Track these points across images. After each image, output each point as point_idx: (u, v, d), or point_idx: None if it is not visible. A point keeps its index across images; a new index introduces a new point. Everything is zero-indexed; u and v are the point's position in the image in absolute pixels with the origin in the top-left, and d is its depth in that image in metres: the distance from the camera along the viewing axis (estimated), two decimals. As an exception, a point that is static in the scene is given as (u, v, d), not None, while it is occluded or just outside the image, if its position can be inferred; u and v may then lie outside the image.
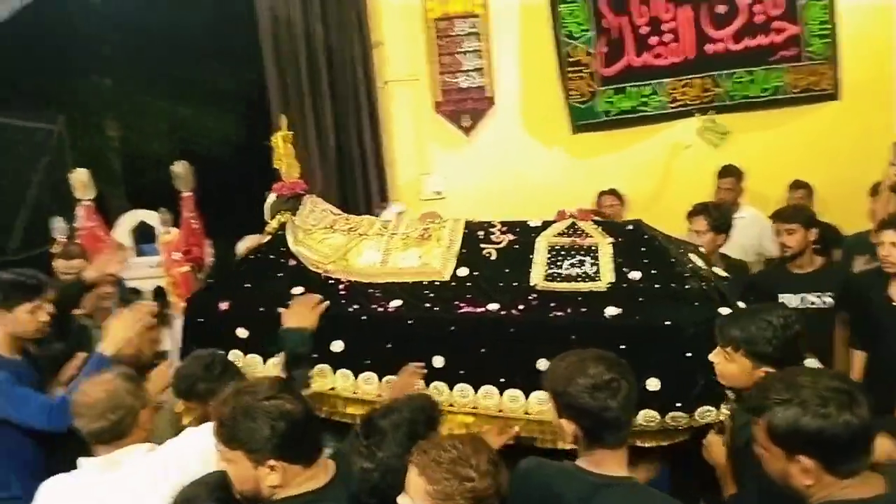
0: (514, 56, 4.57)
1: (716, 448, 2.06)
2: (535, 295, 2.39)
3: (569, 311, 2.32)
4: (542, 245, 2.53)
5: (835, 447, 1.40)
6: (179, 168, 5.43)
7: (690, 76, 4.53)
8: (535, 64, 4.58)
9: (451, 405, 2.37)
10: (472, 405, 2.37)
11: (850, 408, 1.38)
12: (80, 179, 5.39)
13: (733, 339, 1.98)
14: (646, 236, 2.51)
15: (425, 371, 2.33)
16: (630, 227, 2.58)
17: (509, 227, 2.65)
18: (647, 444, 2.21)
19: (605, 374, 1.64)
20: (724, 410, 2.16)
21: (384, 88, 4.60)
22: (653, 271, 2.37)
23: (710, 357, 2.05)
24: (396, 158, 4.70)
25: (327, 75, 4.48)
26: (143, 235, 6.09)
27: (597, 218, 2.76)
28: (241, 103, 11.42)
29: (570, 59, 4.51)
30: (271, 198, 2.97)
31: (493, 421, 2.35)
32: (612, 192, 4.41)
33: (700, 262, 2.68)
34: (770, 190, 4.31)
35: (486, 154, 4.66)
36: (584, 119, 4.57)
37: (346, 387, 2.45)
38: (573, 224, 2.59)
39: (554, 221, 2.64)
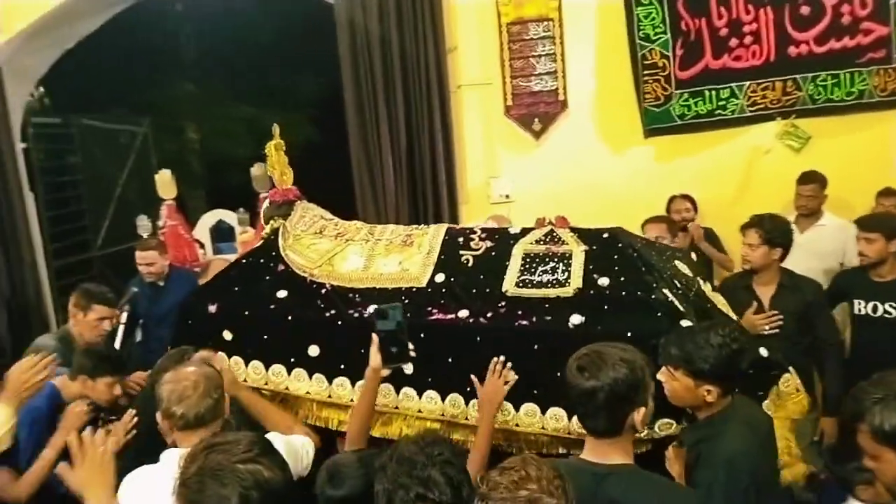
0: (587, 59, 4.54)
1: (676, 461, 2.05)
2: (504, 302, 2.40)
3: (534, 319, 2.31)
4: (517, 252, 2.55)
5: None
6: (258, 170, 5.62)
7: (771, 79, 4.39)
8: (609, 67, 4.53)
9: (419, 411, 2.40)
10: (439, 413, 2.39)
11: None
12: (164, 180, 5.66)
13: (673, 357, 2.01)
14: (620, 244, 2.50)
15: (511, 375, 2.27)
16: (606, 234, 2.57)
17: (489, 234, 2.69)
18: None
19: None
20: (685, 424, 2.15)
21: (456, 93, 4.63)
22: (621, 278, 2.36)
23: (658, 376, 2.02)
24: (466, 162, 4.72)
25: (401, 80, 4.54)
26: (221, 234, 6.35)
27: (574, 226, 2.79)
28: (318, 108, 11.73)
29: (646, 62, 4.45)
30: (265, 204, 3.10)
31: (460, 429, 2.38)
32: (685, 197, 4.33)
33: (685, 270, 2.68)
34: (854, 197, 4.14)
35: (556, 158, 4.64)
36: (658, 123, 4.50)
37: (321, 391, 2.50)
38: (551, 231, 2.62)
39: (533, 229, 2.67)
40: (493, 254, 2.59)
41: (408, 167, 4.64)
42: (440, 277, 2.54)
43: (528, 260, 2.51)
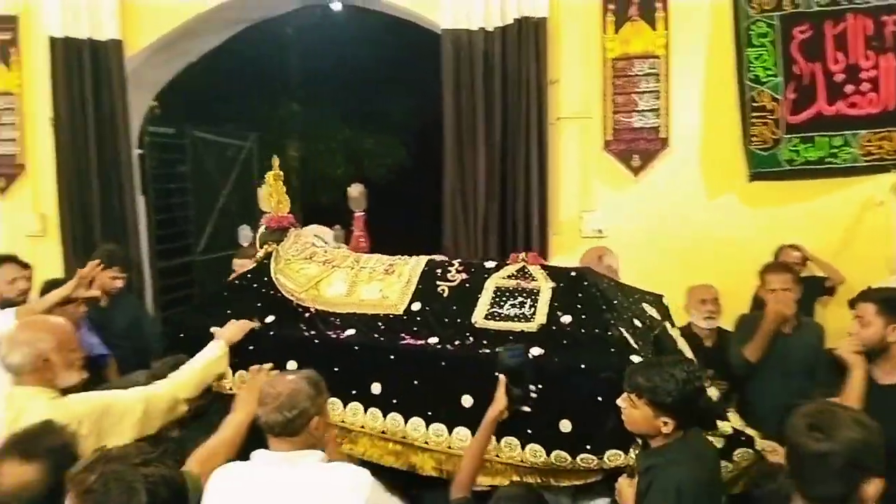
0: (692, 98, 4.45)
1: (625, 491, 2.12)
2: (471, 332, 2.54)
3: (496, 349, 2.39)
4: (490, 285, 2.68)
5: None
6: (355, 191, 5.77)
7: (889, 129, 4.19)
8: (716, 107, 4.42)
9: (383, 432, 2.52)
10: (401, 435, 2.50)
11: None
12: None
13: (638, 386, 2.09)
14: (585, 283, 2.63)
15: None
16: (573, 273, 2.72)
17: (465, 267, 2.83)
18: (562, 483, 2.34)
19: None
20: (632, 455, 2.23)
21: (555, 124, 4.63)
22: (583, 316, 2.48)
23: (618, 402, 2.15)
24: (560, 194, 4.69)
25: (501, 108, 4.57)
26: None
27: (545, 263, 2.93)
28: (413, 133, 11.98)
29: (754, 104, 4.32)
30: (261, 230, 3.30)
31: (419, 452, 2.48)
32: (794, 247, 4.16)
33: (652, 312, 2.80)
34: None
35: (653, 195, 4.55)
36: (764, 167, 4.34)
37: None
38: (523, 267, 2.74)
39: (508, 264, 2.80)
40: (468, 286, 2.72)
41: (500, 196, 4.65)
42: (416, 306, 2.70)
43: (498, 294, 2.65)
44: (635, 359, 2.29)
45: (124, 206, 5.16)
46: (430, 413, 2.45)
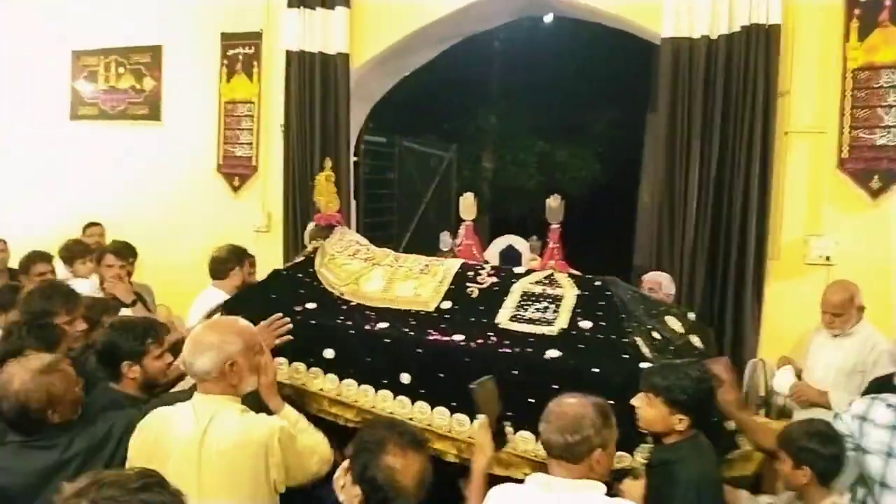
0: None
1: (632, 491, 2.14)
2: (494, 332, 2.67)
3: (517, 349, 2.56)
4: (517, 289, 2.82)
5: None
6: (554, 202, 5.74)
7: None
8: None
9: (410, 418, 2.64)
10: (427, 422, 2.64)
11: None
12: (467, 202, 6.04)
13: (655, 385, 2.24)
14: (608, 292, 2.74)
15: None
16: (598, 282, 2.81)
17: (496, 271, 2.98)
18: None
19: None
20: (638, 458, 2.34)
21: (782, 140, 4.28)
22: (601, 323, 2.61)
23: (633, 401, 2.29)
24: (783, 216, 4.33)
25: (721, 122, 4.32)
26: (509, 258, 6.57)
27: (573, 271, 3.06)
28: (609, 146, 11.75)
29: None
30: (310, 226, 3.52)
31: (442, 440, 2.61)
32: None
33: (675, 325, 2.87)
34: None
35: (894, 223, 4.06)
36: None
37: (331, 389, 2.79)
38: (551, 274, 2.89)
39: (536, 270, 2.97)
40: (496, 289, 2.87)
41: (713, 216, 4.38)
42: (447, 305, 2.86)
43: (524, 297, 2.78)
44: (644, 366, 2.40)
45: (340, 209, 5.49)
46: (454, 404, 2.60)
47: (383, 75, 5.89)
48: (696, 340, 2.90)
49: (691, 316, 3.16)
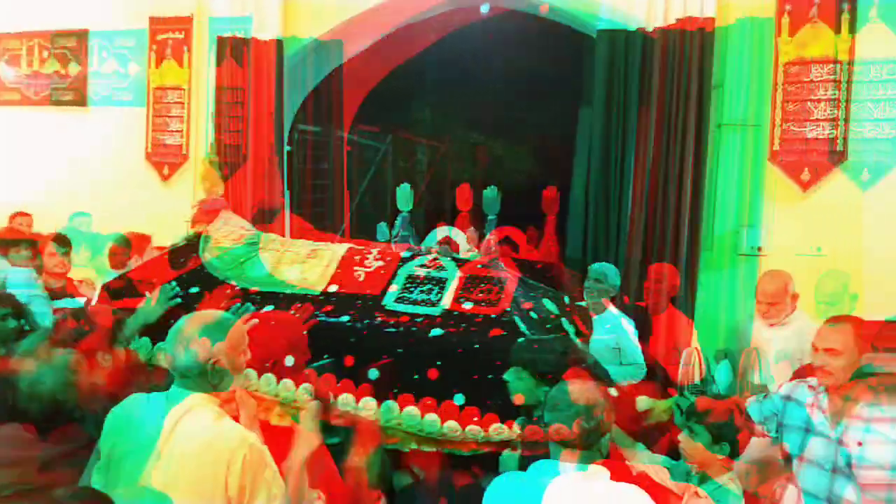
0: (880, 110, 4.06)
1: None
2: (380, 313, 2.78)
3: (401, 328, 2.70)
4: (402, 273, 2.95)
5: None
6: (490, 193, 5.76)
7: None
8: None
9: (294, 401, 2.60)
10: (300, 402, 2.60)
11: None
12: (404, 194, 5.98)
13: (521, 359, 2.38)
14: (490, 274, 2.93)
15: None
16: (481, 265, 3.02)
17: (383, 255, 3.08)
18: (455, 452, 2.51)
19: None
20: (516, 429, 2.44)
21: (715, 132, 4.36)
22: (482, 304, 2.76)
23: (505, 376, 2.42)
24: (716, 207, 4.41)
25: (656, 115, 4.37)
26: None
27: (456, 255, 3.19)
28: (544, 142, 11.83)
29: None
30: (194, 211, 3.59)
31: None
32: None
33: (551, 307, 3.00)
34: None
35: (823, 214, 4.19)
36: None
37: None
38: (436, 258, 3.04)
39: (423, 254, 3.10)
40: (382, 272, 2.97)
41: (650, 207, 4.43)
42: (333, 288, 2.94)
43: (409, 280, 2.91)
44: (520, 340, 2.55)
45: (273, 198, 5.34)
46: (338, 385, 2.60)
47: (318, 63, 5.74)
48: (566, 323, 3.02)
49: (566, 300, 3.28)
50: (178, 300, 2.86)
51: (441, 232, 6.68)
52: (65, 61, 5.80)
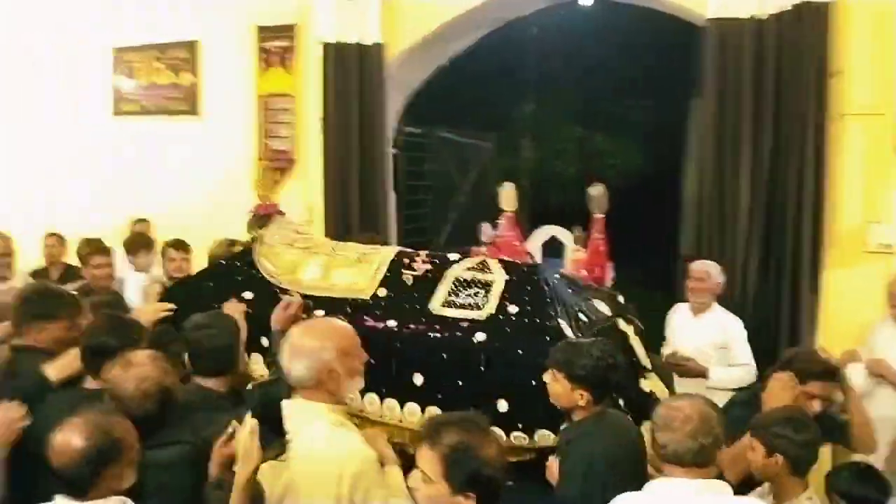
0: None
1: (552, 467, 2.31)
2: (426, 317, 2.77)
3: (446, 334, 2.67)
4: (450, 276, 2.91)
5: None
6: (596, 191, 5.60)
7: None
8: None
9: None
10: (359, 408, 2.70)
11: None
12: (508, 193, 5.94)
13: (557, 360, 2.35)
14: (535, 277, 2.84)
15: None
16: (526, 268, 2.96)
17: (431, 258, 3.04)
18: None
19: None
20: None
21: (837, 123, 4.09)
22: (527, 307, 2.70)
23: (544, 377, 2.39)
24: (841, 201, 4.14)
25: (772, 105, 4.15)
26: (552, 249, 6.45)
27: (503, 258, 3.19)
28: (651, 134, 11.50)
29: None
30: (249, 216, 3.60)
31: (373, 425, 2.64)
32: None
33: (603, 308, 2.96)
34: None
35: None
36: None
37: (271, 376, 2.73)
38: (483, 261, 2.98)
39: (470, 257, 3.06)
40: (430, 276, 2.94)
41: (766, 204, 4.22)
42: (382, 292, 2.94)
43: (456, 284, 2.87)
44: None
45: (377, 200, 5.46)
46: (383, 389, 2.69)
47: (419, 65, 5.81)
48: (622, 323, 2.99)
49: (620, 299, 3.23)
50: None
51: (546, 232, 6.61)
52: (177, 71, 6.11)
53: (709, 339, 3.83)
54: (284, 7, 5.59)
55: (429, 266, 3.00)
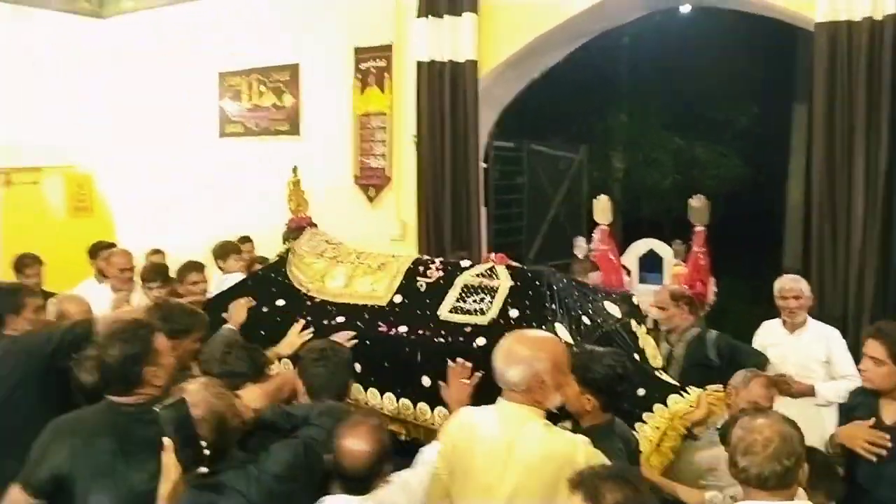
0: None
1: None
2: (434, 323, 2.90)
3: (450, 339, 2.80)
4: (459, 282, 3.02)
5: None
6: (697, 202, 5.42)
7: None
8: None
9: (365, 403, 2.93)
10: (379, 406, 2.91)
11: None
12: (602, 205, 5.84)
13: (572, 365, 2.29)
14: (538, 282, 2.90)
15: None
16: (531, 273, 3.00)
17: (444, 265, 3.17)
18: None
19: None
20: None
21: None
22: (527, 311, 2.80)
23: None
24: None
25: (889, 109, 3.91)
26: (650, 263, 6.29)
27: (511, 263, 3.19)
28: (752, 142, 11.04)
29: None
30: (283, 228, 3.85)
31: (394, 422, 2.86)
32: None
33: (612, 310, 3.02)
34: None
35: None
36: None
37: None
38: (491, 267, 3.05)
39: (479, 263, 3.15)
40: (441, 282, 3.06)
41: (884, 211, 3.97)
42: (398, 298, 3.09)
43: (464, 290, 2.97)
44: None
45: (469, 215, 5.48)
46: (399, 390, 2.88)
47: (511, 80, 5.81)
48: (634, 325, 3.05)
49: (636, 301, 3.30)
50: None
51: (643, 245, 6.44)
52: (279, 94, 6.36)
53: (811, 355, 3.69)
54: (381, 28, 5.73)
55: (441, 273, 3.14)
